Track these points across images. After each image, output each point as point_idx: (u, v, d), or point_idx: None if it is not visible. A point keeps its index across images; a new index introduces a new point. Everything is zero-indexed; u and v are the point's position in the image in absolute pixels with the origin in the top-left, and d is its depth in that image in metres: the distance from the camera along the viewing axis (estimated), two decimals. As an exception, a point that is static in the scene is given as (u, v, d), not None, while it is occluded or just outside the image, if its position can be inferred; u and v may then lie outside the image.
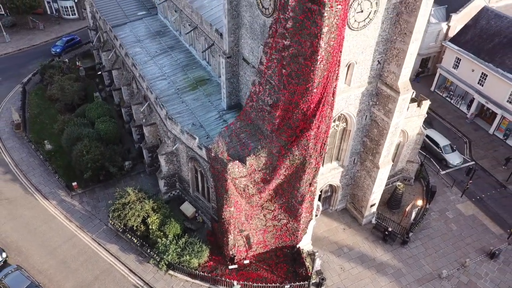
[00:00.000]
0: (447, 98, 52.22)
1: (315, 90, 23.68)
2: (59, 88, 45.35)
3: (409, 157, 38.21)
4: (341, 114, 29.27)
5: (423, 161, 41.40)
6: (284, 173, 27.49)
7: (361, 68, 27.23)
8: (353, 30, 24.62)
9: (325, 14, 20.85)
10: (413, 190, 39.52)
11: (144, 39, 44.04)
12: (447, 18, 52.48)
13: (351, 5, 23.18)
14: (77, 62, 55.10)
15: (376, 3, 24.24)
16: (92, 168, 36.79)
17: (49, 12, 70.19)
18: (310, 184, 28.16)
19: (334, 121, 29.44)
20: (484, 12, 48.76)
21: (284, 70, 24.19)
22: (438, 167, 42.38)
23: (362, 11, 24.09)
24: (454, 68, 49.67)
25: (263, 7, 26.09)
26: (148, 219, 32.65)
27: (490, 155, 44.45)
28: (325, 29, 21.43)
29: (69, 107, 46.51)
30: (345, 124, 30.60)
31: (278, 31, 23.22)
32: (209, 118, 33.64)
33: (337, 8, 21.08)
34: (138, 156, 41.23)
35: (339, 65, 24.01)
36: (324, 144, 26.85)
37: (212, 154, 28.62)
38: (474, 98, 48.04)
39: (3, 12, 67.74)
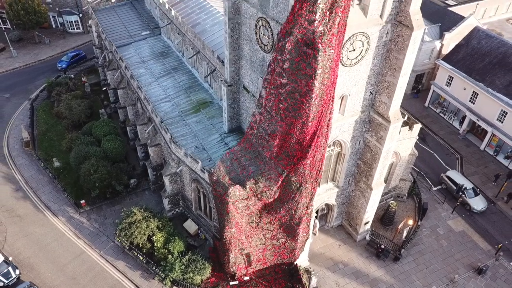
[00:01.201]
0: (440, 114, 54.01)
1: (310, 123, 25.49)
2: (66, 107, 47.16)
3: (402, 176, 40.01)
4: (336, 140, 31.10)
5: (415, 178, 43.23)
6: (283, 198, 29.29)
7: (354, 99, 29.05)
8: (346, 66, 26.44)
9: (319, 58, 22.67)
10: (406, 206, 41.32)
11: (148, 59, 45.86)
12: (441, 36, 54.31)
13: (343, 45, 25.01)
14: (82, 78, 56.92)
15: (367, 42, 26.07)
16: (99, 186, 38.61)
17: (54, 26, 71.95)
18: (307, 207, 29.98)
19: (329, 146, 31.24)
20: (476, 32, 50.57)
21: (281, 105, 26.01)
22: (431, 184, 44.18)
23: (354, 50, 25.92)
24: (447, 86, 51.49)
25: (262, 43, 27.90)
26: (154, 237, 34.49)
27: (481, 171, 46.24)
28: (319, 71, 23.24)
29: (75, 123, 48.31)
30: (339, 148, 32.41)
31: (276, 70, 25.05)
32: (211, 141, 35.46)
33: (330, 52, 22.91)
34: (142, 173, 43.03)
35: (333, 100, 25.83)
36: (319, 170, 28.65)
37: (214, 178, 30.43)
38: (466, 115, 49.86)
39: (9, 26, 69.54)
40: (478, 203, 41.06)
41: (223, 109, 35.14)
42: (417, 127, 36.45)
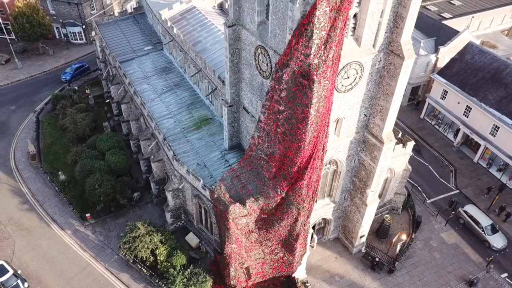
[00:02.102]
0: (435, 126, 55.36)
1: (306, 147, 26.84)
2: (71, 121, 48.51)
3: (396, 190, 41.37)
4: (332, 159, 32.45)
5: (410, 191, 44.59)
6: (281, 216, 30.65)
7: (349, 122, 30.42)
8: (340, 92, 27.80)
9: (314, 89, 24.03)
10: (400, 219, 42.67)
11: (151, 75, 47.22)
12: (436, 50, 55.66)
13: (338, 73, 26.37)
14: (86, 90, 58.29)
15: (361, 70, 27.43)
16: (104, 200, 39.99)
17: (57, 37, 73.34)
18: (304, 224, 31.34)
19: (325, 165, 32.59)
20: (469, 47, 51.93)
21: (279, 129, 27.36)
22: (425, 196, 45.51)
23: (348, 77, 27.29)
24: (442, 99, 52.86)
25: (261, 69, 29.27)
26: (157, 250, 35.84)
27: (474, 184, 47.58)
28: (314, 100, 24.60)
29: (80, 136, 49.64)
30: (335, 166, 33.77)
31: (274, 97, 26.40)
32: (212, 158, 36.83)
33: (324, 83, 24.28)
34: (145, 186, 44.38)
35: (328, 125, 27.21)
36: (316, 190, 30.03)
37: (215, 196, 31.80)
38: (460, 128, 51.18)
39: (13, 37, 70.86)
40: (497, 241, 40.02)
41: (224, 127, 36.50)
42: (411, 144, 37.79)
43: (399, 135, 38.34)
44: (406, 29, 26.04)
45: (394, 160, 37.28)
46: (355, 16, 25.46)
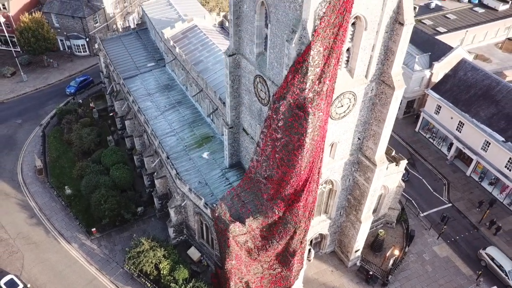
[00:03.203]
0: (429, 139, 56.97)
1: (302, 172, 28.45)
2: (77, 136, 50.16)
3: (390, 205, 42.97)
4: (327, 179, 34.06)
5: (404, 205, 46.20)
6: (279, 234, 32.26)
7: (343, 145, 32.03)
8: (335, 119, 29.42)
9: (309, 120, 25.64)
10: (394, 232, 44.26)
11: (154, 92, 48.85)
12: (430, 65, 57.28)
13: (333, 102, 27.98)
14: (90, 104, 59.93)
15: (354, 98, 29.06)
16: (109, 215, 41.61)
17: (61, 49, 75.03)
18: (301, 242, 32.95)
19: (321, 184, 34.19)
20: (462, 64, 53.55)
21: (277, 155, 28.97)
22: (418, 210, 47.10)
23: (342, 106, 28.92)
24: (436, 114, 54.46)
25: (260, 96, 30.90)
26: (160, 265, 37.42)
27: (466, 197, 49.17)
28: (309, 130, 26.21)
29: (85, 150, 51.21)
30: (331, 185, 35.39)
31: (272, 126, 28.03)
32: (213, 176, 38.44)
33: (319, 115, 25.90)
34: (148, 200, 45.97)
35: (322, 151, 28.82)
36: (312, 210, 31.63)
37: (216, 214, 33.41)
38: (453, 142, 52.80)
39: (19, 49, 72.47)
40: None
41: (224, 147, 38.10)
42: (403, 163, 39.40)
43: (393, 153, 40.07)
44: (396, 61, 27.65)
45: (387, 178, 38.86)
46: (348, 50, 27.10)
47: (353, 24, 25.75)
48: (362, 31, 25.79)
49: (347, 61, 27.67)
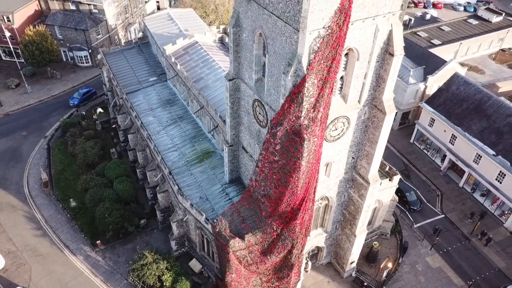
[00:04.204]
0: (424, 150, 58.56)
1: (298, 192, 30.02)
2: (81, 150, 51.71)
3: (384, 218, 44.56)
4: (323, 195, 35.62)
5: (398, 216, 47.77)
6: (277, 249, 33.81)
7: (338, 165, 33.58)
8: (329, 142, 30.98)
9: (305, 145, 27.20)
10: (389, 243, 45.83)
11: (156, 107, 50.35)
12: (425, 79, 58.87)
13: (327, 127, 29.54)
14: (93, 116, 61.45)
15: (348, 122, 30.62)
16: (113, 229, 43.13)
17: (64, 60, 76.44)
18: (298, 256, 34.51)
19: (317, 200, 35.76)
20: (455, 78, 55.17)
21: (274, 176, 30.53)
22: (412, 221, 48.68)
23: (336, 129, 30.48)
24: (430, 126, 56.06)
25: (258, 119, 32.44)
26: (163, 277, 38.97)
27: (459, 208, 50.76)
28: (305, 154, 27.76)
29: (89, 163, 52.71)
30: (327, 201, 36.96)
31: (269, 149, 29.59)
32: (214, 191, 39.98)
33: (314, 140, 27.47)
34: (151, 212, 47.49)
35: (318, 172, 30.38)
36: (308, 227, 33.20)
37: (217, 230, 34.96)
38: (446, 154, 54.42)
39: (22, 60, 73.90)
40: None
41: (225, 163, 39.62)
42: (397, 178, 40.96)
43: (387, 168, 41.63)
44: (387, 88, 29.22)
45: (381, 192, 40.42)
46: (341, 78, 28.67)
47: (346, 54, 27.31)
48: (355, 61, 27.36)
49: (341, 88, 29.23)
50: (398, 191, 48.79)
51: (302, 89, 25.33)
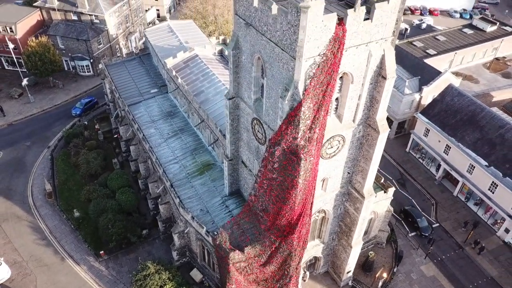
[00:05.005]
0: (419, 159, 59.86)
1: (296, 207, 31.28)
2: (84, 161, 52.92)
3: (380, 228, 45.84)
4: (320, 209, 36.88)
5: (394, 225, 49.05)
6: (275, 261, 35.06)
7: (334, 180, 34.84)
8: (325, 159, 32.24)
9: (302, 164, 28.46)
10: (384, 252, 47.10)
11: (157, 119, 51.57)
12: (420, 89, 60.17)
13: (323, 145, 30.80)
14: (95, 126, 62.65)
15: (343, 140, 31.88)
16: (116, 239, 44.34)
17: (66, 69, 77.63)
18: (296, 268, 35.77)
19: (314, 213, 37.01)
20: (450, 89, 56.48)
21: (273, 192, 31.79)
22: (408, 230, 49.94)
23: (332, 147, 31.75)
24: (425, 136, 57.34)
25: (257, 137, 33.70)
26: (165, 287, 40.13)
27: (453, 217, 52.04)
28: (302, 172, 29.02)
29: (92, 173, 53.91)
30: (324, 214, 38.21)
31: (268, 167, 30.86)
32: (214, 203, 41.21)
33: (310, 159, 28.73)
34: (152, 222, 48.70)
35: (314, 188, 31.64)
36: (306, 240, 34.46)
37: (217, 243, 36.22)
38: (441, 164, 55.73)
39: (25, 69, 75.01)
40: None
41: (224, 176, 40.85)
42: (391, 190, 42.24)
43: (382, 180, 42.92)
44: (380, 108, 30.47)
45: (377, 204, 41.72)
46: (337, 99, 29.94)
47: (341, 78, 28.57)
48: (349, 84, 28.63)
49: (336, 108, 30.49)
50: (409, 216, 50.26)
51: (299, 112, 26.59)
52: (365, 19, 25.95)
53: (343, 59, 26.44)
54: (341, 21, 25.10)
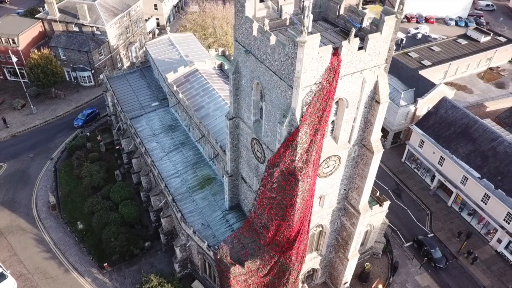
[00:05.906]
0: (414, 170, 61.25)
1: (294, 225, 32.59)
2: (87, 174, 54.13)
3: (376, 239, 47.18)
4: (317, 223, 38.19)
5: (389, 236, 50.38)
6: (274, 275, 36.37)
7: (331, 196, 36.17)
8: (322, 178, 33.56)
9: (299, 185, 29.78)
10: (380, 263, 48.43)
11: (159, 133, 52.81)
12: (415, 101, 61.57)
13: (320, 165, 32.12)
14: (97, 137, 63.86)
15: (339, 160, 33.21)
16: (119, 252, 45.57)
17: (67, 79, 78.84)
18: (294, 281, 37.08)
19: (312, 228, 38.32)
20: (444, 102, 57.90)
21: (272, 211, 33.11)
22: (403, 240, 51.29)
23: (328, 167, 33.07)
24: (419, 147, 58.74)
25: (256, 155, 35.00)
26: (167, 299, 41.51)
27: (447, 227, 53.42)
28: (299, 192, 30.34)
29: (95, 185, 55.11)
30: (321, 228, 39.53)
31: (267, 186, 32.18)
32: (215, 218, 42.46)
33: (307, 180, 30.05)
34: (154, 234, 49.92)
35: (312, 206, 32.96)
36: (303, 256, 35.79)
37: (218, 257, 37.50)
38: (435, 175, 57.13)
39: (27, 80, 76.20)
40: None
41: (225, 192, 42.11)
42: (386, 204, 43.60)
43: (377, 193, 44.26)
44: (374, 130, 31.81)
45: (372, 217, 43.06)
46: (333, 122, 31.27)
47: (336, 102, 29.89)
48: (344, 108, 29.96)
49: (332, 130, 31.80)
50: (422, 246, 48.48)
51: (296, 137, 27.91)
52: (359, 48, 27.30)
53: (338, 86, 27.78)
54: (336, 51, 26.42)
